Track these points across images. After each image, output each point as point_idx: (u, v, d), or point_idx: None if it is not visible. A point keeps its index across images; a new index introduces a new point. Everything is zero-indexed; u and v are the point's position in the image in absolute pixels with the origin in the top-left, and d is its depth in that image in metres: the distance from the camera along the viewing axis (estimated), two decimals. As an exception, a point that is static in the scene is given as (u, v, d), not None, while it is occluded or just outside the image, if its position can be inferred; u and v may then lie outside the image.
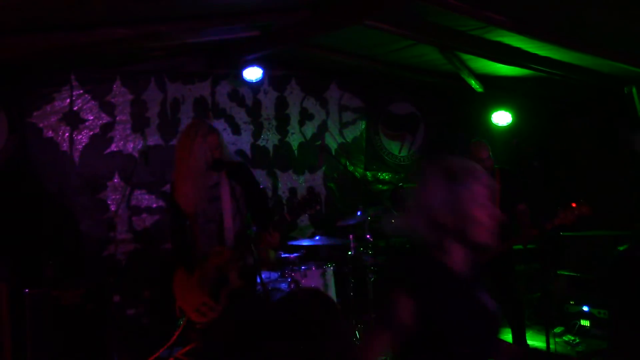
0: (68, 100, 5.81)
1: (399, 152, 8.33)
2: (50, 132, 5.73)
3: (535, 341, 5.36)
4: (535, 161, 7.42)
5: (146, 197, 6.18)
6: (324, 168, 7.50)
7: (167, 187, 5.88)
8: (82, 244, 5.77)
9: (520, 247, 6.02)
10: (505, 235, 5.00)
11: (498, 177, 5.25)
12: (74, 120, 5.85)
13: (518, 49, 6.00)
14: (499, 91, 7.51)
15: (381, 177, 8.09)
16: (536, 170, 7.42)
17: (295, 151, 7.38)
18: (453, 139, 8.45)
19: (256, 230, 3.87)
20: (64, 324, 4.76)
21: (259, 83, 6.76)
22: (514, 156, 6.82)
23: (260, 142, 7.12)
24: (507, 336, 5.40)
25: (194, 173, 3.63)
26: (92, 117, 5.96)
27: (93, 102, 5.96)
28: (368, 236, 6.03)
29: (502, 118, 7.33)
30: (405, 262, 2.20)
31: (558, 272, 6.18)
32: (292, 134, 7.38)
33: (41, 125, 5.69)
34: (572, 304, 5.87)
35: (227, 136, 6.75)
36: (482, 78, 7.21)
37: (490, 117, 7.36)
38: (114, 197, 6.02)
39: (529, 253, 6.69)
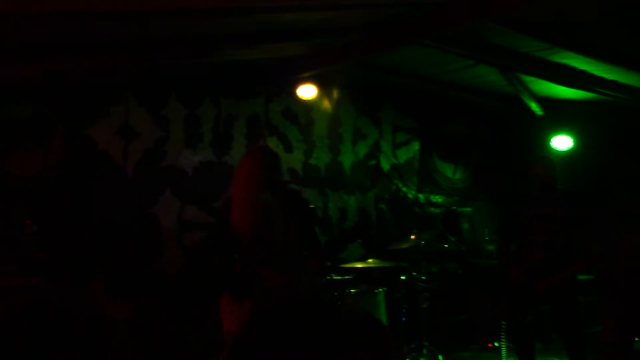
0: (124, 114, 5.84)
1: (453, 175, 8.14)
2: (105, 145, 5.75)
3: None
4: (595, 187, 7.15)
5: (197, 212, 6.15)
6: (375, 189, 7.36)
7: (218, 204, 5.84)
8: (132, 259, 5.75)
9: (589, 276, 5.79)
10: (566, 262, 4.76)
11: (561, 198, 5.04)
12: (128, 134, 5.87)
13: (583, 72, 5.81)
14: (560, 114, 7.28)
15: (434, 199, 7.89)
16: (597, 196, 7.14)
17: (347, 171, 7.27)
18: (508, 162, 8.22)
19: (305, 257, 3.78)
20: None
21: (313, 101, 6.69)
22: (574, 181, 6.58)
23: (312, 161, 7.04)
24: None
25: (252, 193, 3.56)
26: (146, 131, 5.98)
27: (148, 116, 5.98)
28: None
29: (562, 142, 7.09)
30: None
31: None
32: (345, 153, 7.28)
33: (96, 138, 5.72)
34: (637, 340, 5.59)
35: (279, 154, 6.68)
36: (543, 100, 7.01)
37: (550, 141, 7.12)
38: (165, 211, 6.00)
39: (589, 284, 6.40)
